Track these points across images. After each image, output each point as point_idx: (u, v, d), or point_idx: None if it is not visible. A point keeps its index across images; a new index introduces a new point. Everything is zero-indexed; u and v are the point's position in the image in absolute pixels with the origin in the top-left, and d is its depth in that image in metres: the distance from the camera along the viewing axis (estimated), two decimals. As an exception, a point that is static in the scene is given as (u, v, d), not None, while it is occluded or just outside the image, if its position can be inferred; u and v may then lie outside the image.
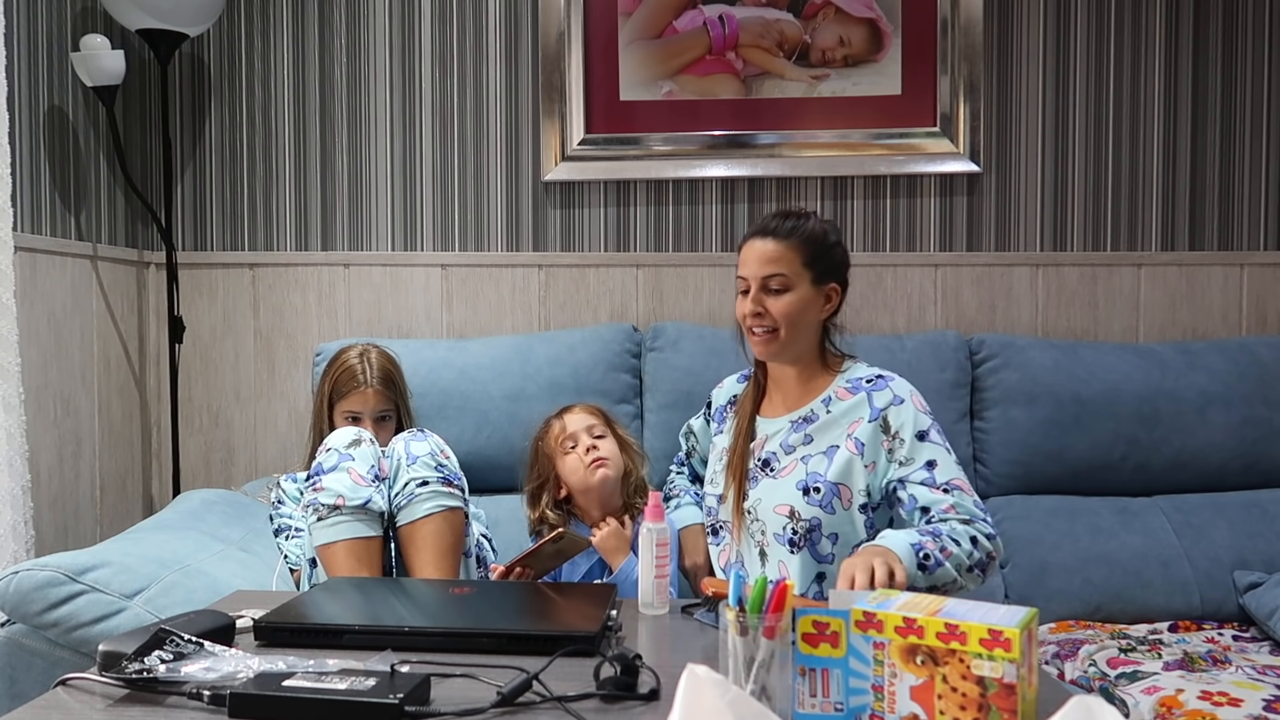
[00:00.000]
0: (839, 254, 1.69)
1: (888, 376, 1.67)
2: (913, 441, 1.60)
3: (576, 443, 1.84)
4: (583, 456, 1.82)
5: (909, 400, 1.63)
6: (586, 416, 1.89)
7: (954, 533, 1.51)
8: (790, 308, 1.64)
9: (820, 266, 1.65)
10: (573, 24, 2.53)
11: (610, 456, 1.83)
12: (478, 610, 1.32)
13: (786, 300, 1.64)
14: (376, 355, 2.06)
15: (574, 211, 2.59)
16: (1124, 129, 2.53)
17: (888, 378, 1.67)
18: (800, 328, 1.66)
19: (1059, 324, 2.52)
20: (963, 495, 1.57)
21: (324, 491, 1.70)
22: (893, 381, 1.66)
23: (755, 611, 0.99)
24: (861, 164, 2.52)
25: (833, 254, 1.68)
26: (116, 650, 1.07)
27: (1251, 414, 2.25)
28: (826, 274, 1.67)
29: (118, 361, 2.48)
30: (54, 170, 2.25)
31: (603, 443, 1.84)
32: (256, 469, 2.60)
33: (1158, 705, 1.59)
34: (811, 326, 1.68)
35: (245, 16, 2.60)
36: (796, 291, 1.64)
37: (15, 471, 1.92)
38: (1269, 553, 2.13)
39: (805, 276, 1.64)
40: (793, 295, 1.64)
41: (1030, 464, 2.27)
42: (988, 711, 0.91)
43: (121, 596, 1.56)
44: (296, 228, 2.62)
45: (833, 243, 1.69)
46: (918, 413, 1.62)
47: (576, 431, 1.85)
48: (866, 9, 2.51)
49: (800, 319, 1.65)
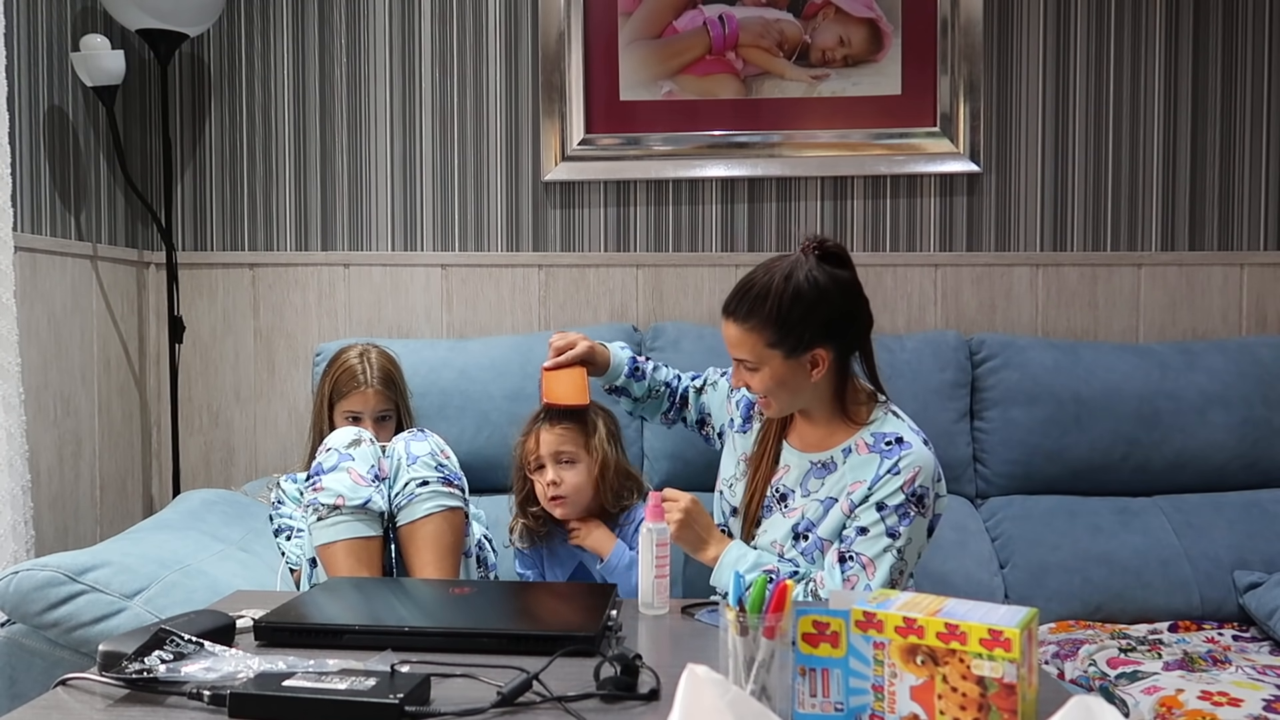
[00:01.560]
0: (815, 319, 1.52)
1: (907, 442, 1.55)
2: (866, 510, 1.53)
3: (543, 467, 1.79)
4: (544, 490, 1.78)
5: (903, 475, 1.52)
6: (557, 439, 1.78)
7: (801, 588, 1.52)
8: (766, 384, 1.56)
9: (789, 343, 1.53)
10: (573, 24, 2.53)
11: (570, 493, 1.77)
12: (478, 610, 1.32)
13: (760, 378, 1.56)
14: (377, 355, 2.06)
15: (574, 211, 2.59)
16: (1124, 129, 2.53)
17: (906, 444, 1.55)
18: (788, 396, 1.58)
19: (1059, 324, 2.52)
20: (861, 584, 1.49)
21: (324, 491, 1.70)
22: (908, 451, 1.54)
23: (755, 611, 0.99)
24: (861, 164, 2.52)
25: (804, 323, 1.52)
26: (116, 650, 1.07)
27: (1251, 414, 2.25)
28: (802, 344, 1.53)
29: (118, 361, 2.48)
30: (54, 170, 2.25)
31: (568, 473, 1.77)
32: (256, 469, 2.60)
33: (1158, 705, 1.59)
34: (804, 389, 1.58)
35: (245, 16, 2.60)
36: (766, 371, 1.55)
37: (15, 471, 1.92)
38: (1269, 553, 2.13)
39: (774, 356, 1.54)
40: (764, 374, 1.56)
41: (1030, 464, 2.27)
42: (988, 711, 0.91)
43: (121, 596, 1.56)
44: (296, 228, 2.62)
45: (799, 312, 1.52)
46: (899, 490, 1.52)
47: (543, 456, 1.78)
48: (866, 9, 2.51)
49: (779, 391, 1.57)
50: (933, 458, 1.56)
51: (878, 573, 1.51)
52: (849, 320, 1.57)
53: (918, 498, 1.52)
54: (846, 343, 1.58)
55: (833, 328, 1.55)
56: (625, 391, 1.89)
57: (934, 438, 2.22)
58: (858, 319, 1.59)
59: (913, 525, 1.52)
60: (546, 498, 1.79)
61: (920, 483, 1.53)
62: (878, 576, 1.51)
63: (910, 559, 1.54)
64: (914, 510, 1.52)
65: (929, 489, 1.54)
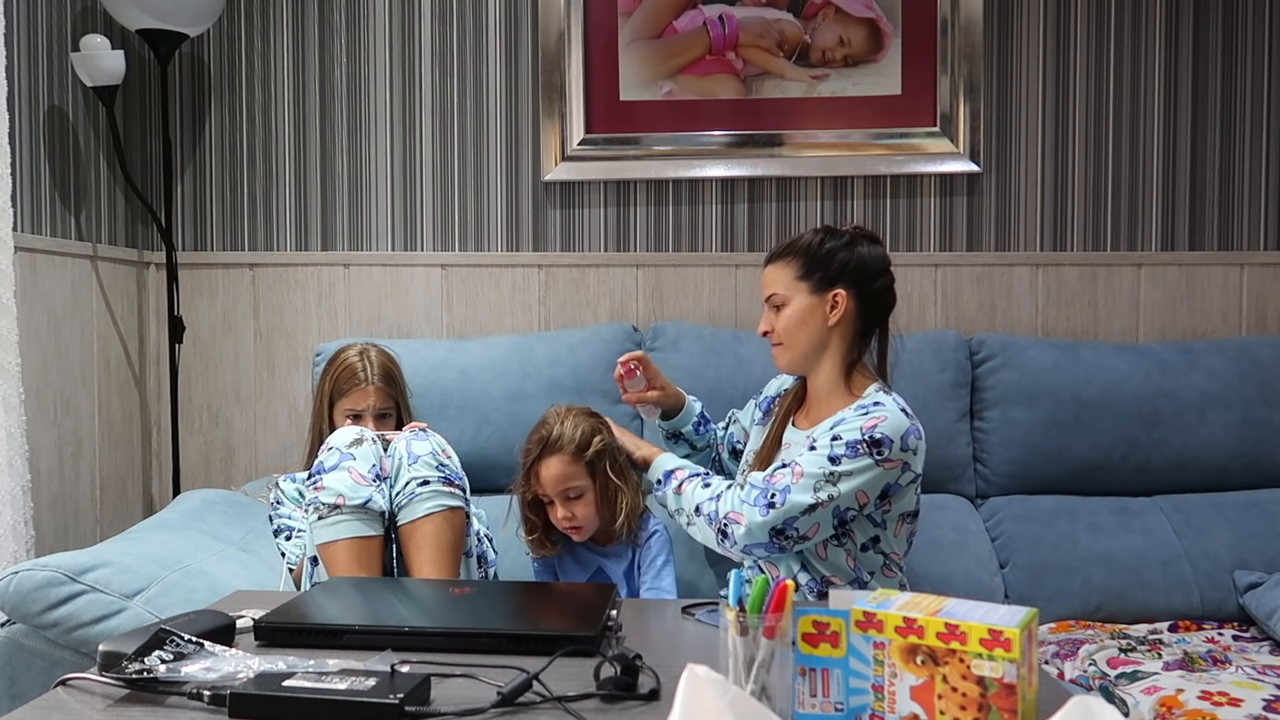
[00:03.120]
0: (841, 258, 1.68)
1: (884, 403, 1.62)
2: (823, 435, 1.61)
3: (552, 501, 1.78)
4: (558, 521, 1.79)
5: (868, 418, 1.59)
6: (562, 471, 1.74)
7: (717, 484, 1.68)
8: (787, 321, 1.70)
9: (816, 275, 1.68)
10: (573, 24, 2.53)
11: (585, 522, 1.78)
12: (478, 610, 1.32)
13: (784, 315, 1.70)
14: (377, 354, 2.06)
15: (574, 211, 2.59)
16: (1124, 129, 2.53)
17: (883, 404, 1.62)
18: (801, 338, 1.69)
19: (1059, 324, 2.52)
20: (778, 481, 1.59)
21: (325, 490, 1.70)
22: (880, 408, 1.61)
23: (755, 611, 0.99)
24: (861, 164, 2.52)
25: (831, 260, 1.68)
26: (116, 650, 1.07)
27: (1251, 414, 2.25)
28: (826, 281, 1.68)
29: (118, 361, 2.48)
30: (54, 170, 2.25)
31: (578, 507, 1.76)
32: (256, 469, 2.60)
33: (1158, 705, 1.59)
34: (818, 336, 1.69)
35: (245, 16, 2.60)
36: (793, 305, 1.69)
37: (15, 471, 1.92)
38: (1269, 553, 2.13)
39: (801, 288, 1.69)
40: (789, 309, 1.70)
41: (1030, 464, 2.27)
42: (988, 711, 0.91)
43: (121, 596, 1.56)
44: (296, 228, 2.62)
45: (830, 249, 1.68)
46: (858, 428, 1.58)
47: (550, 494, 1.77)
48: (866, 9, 2.51)
49: (798, 330, 1.69)
50: (907, 423, 1.60)
51: (801, 480, 1.57)
52: (870, 277, 1.69)
53: (874, 441, 1.57)
54: (865, 298, 1.69)
55: (856, 273, 1.68)
56: (687, 440, 1.96)
57: (934, 438, 2.25)
58: (881, 279, 1.70)
59: (859, 462, 1.57)
60: (563, 526, 1.80)
61: (882, 430, 1.57)
62: (800, 484, 1.56)
63: (844, 494, 1.57)
64: (866, 450, 1.57)
65: (892, 440, 1.57)
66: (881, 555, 1.66)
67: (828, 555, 1.64)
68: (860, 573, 1.65)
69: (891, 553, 1.66)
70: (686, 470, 1.75)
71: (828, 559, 1.64)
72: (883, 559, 1.66)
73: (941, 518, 2.21)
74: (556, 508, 1.78)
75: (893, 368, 1.75)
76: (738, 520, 1.60)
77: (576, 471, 1.76)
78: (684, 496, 1.70)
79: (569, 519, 1.77)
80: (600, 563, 1.85)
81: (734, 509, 1.61)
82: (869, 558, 1.65)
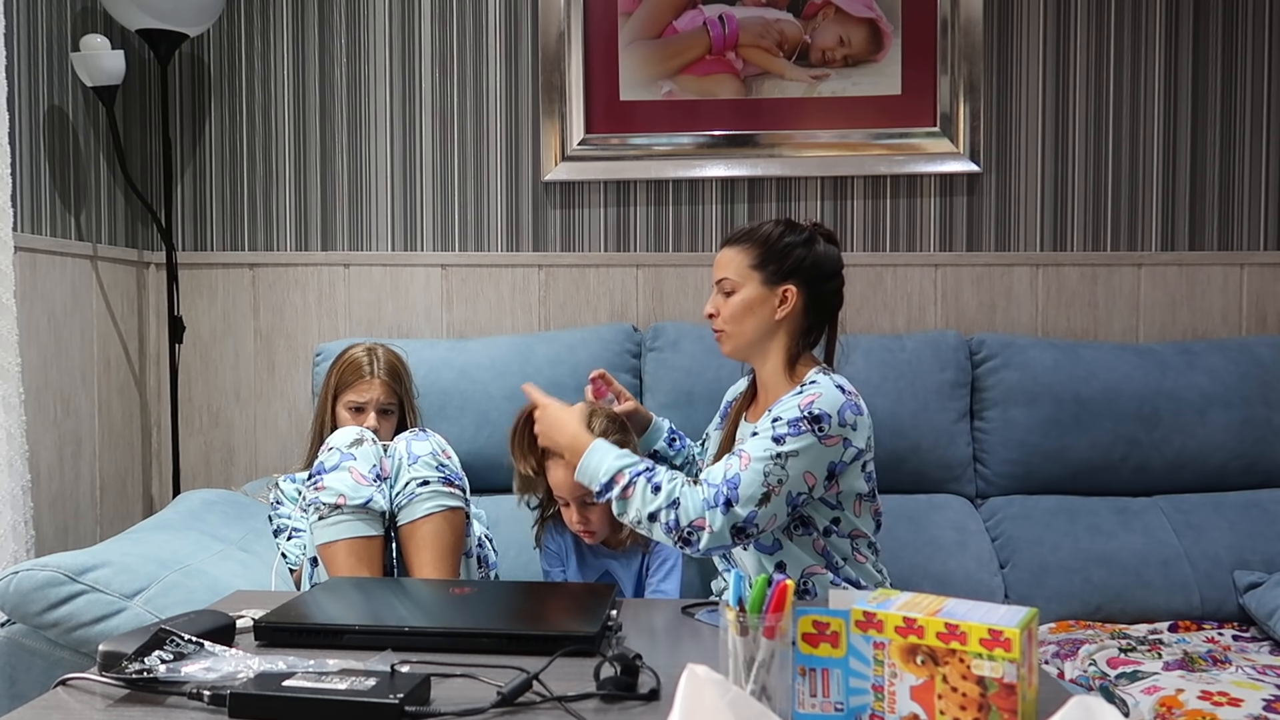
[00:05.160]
0: (798, 255, 1.67)
1: (819, 381, 1.61)
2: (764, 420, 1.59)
3: (568, 505, 1.79)
4: (571, 523, 1.80)
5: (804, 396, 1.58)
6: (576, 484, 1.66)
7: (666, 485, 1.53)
8: (734, 308, 1.68)
9: (770, 268, 1.66)
10: (573, 24, 2.53)
11: (599, 527, 1.79)
12: (478, 610, 1.32)
13: (732, 302, 1.68)
14: (385, 351, 2.08)
15: (574, 211, 2.59)
16: (1124, 129, 2.53)
17: (818, 383, 1.61)
18: (747, 327, 1.67)
19: (1059, 324, 2.52)
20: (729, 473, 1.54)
21: (325, 490, 1.70)
22: (815, 386, 1.60)
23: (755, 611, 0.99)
24: (861, 164, 2.52)
25: (787, 255, 1.66)
26: (116, 650, 1.07)
27: (1251, 414, 2.25)
28: (779, 276, 1.66)
29: (118, 361, 2.48)
30: (54, 170, 2.25)
31: (593, 512, 1.77)
32: (256, 469, 2.60)
33: (1158, 705, 1.59)
34: (763, 327, 1.67)
35: (245, 16, 2.60)
36: (742, 293, 1.67)
37: (15, 471, 1.92)
38: (1269, 553, 2.13)
39: (753, 278, 1.67)
40: (738, 297, 1.68)
41: (1030, 464, 2.27)
42: (988, 711, 0.91)
43: (121, 596, 1.56)
44: (296, 228, 2.62)
45: (787, 244, 1.67)
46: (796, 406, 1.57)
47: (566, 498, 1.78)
48: (866, 9, 2.50)
49: (745, 319, 1.67)
50: (842, 399, 1.59)
51: (751, 467, 1.54)
52: (823, 278, 1.69)
53: (814, 416, 1.56)
54: (815, 297, 1.68)
55: (809, 272, 1.67)
56: (663, 457, 1.93)
57: (934, 437, 2.25)
58: (831, 283, 1.70)
59: (802, 440, 1.55)
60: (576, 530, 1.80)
61: (819, 406, 1.56)
62: (750, 470, 1.54)
63: (792, 473, 1.54)
64: (807, 426, 1.56)
65: (830, 415, 1.56)
66: (849, 539, 1.64)
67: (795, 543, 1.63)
68: (832, 557, 1.63)
69: (856, 531, 1.64)
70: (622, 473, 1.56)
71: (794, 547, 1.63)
72: (850, 542, 1.64)
73: (941, 518, 2.21)
74: (572, 510, 1.78)
75: (840, 362, 1.75)
76: (702, 526, 1.52)
77: None
78: (630, 504, 1.55)
79: (583, 523, 1.78)
80: (608, 565, 1.85)
81: (698, 515, 1.53)
82: (837, 542, 1.63)
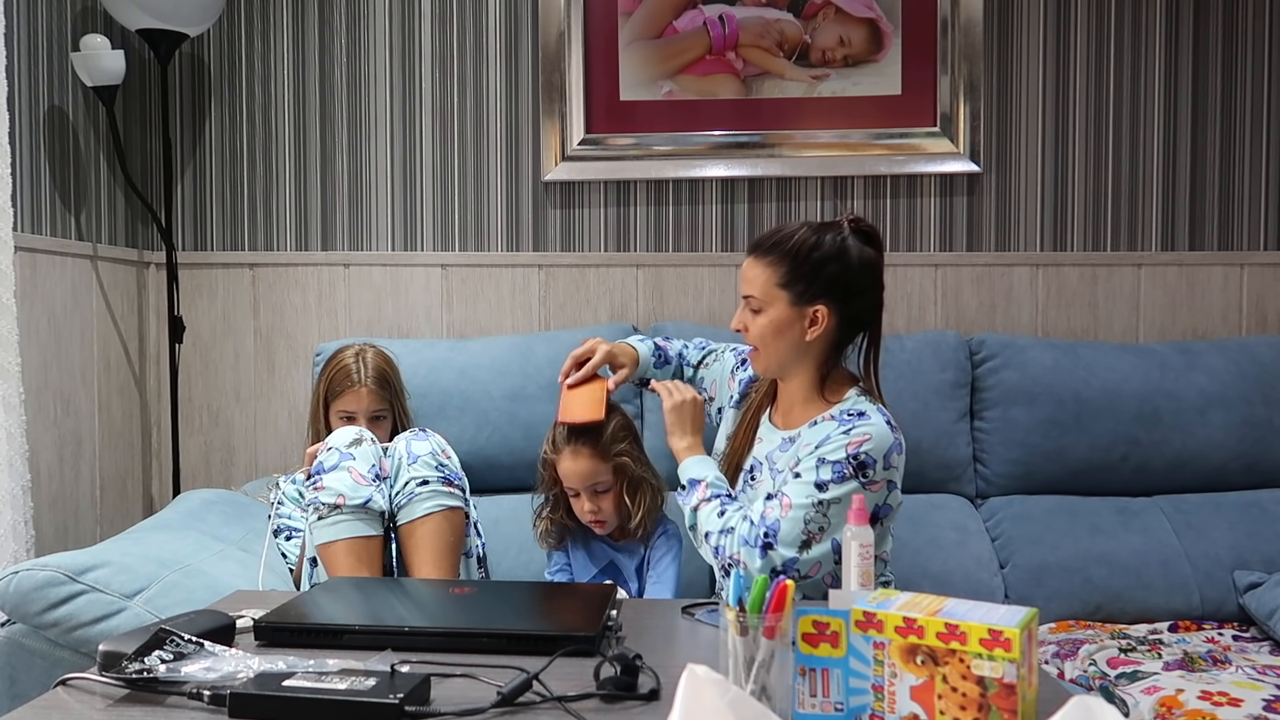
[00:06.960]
0: (829, 272, 1.55)
1: (869, 416, 1.53)
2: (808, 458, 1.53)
3: (578, 495, 1.79)
4: (583, 513, 1.80)
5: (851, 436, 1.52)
6: (586, 472, 1.75)
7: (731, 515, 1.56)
8: (763, 330, 1.58)
9: (799, 287, 1.55)
10: (573, 24, 2.53)
11: (609, 517, 1.79)
12: (478, 610, 1.32)
13: (760, 322, 1.58)
14: (373, 355, 2.05)
15: (574, 211, 2.59)
16: (1124, 129, 2.53)
17: (868, 416, 1.53)
18: (778, 349, 1.59)
19: (1059, 324, 2.52)
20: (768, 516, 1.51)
21: (325, 490, 1.70)
22: (865, 422, 1.52)
23: (755, 611, 0.99)
24: (861, 164, 2.52)
25: (817, 273, 1.55)
26: (116, 650, 1.07)
27: (1251, 414, 2.25)
28: (808, 295, 1.55)
29: (118, 361, 2.48)
30: (54, 170, 2.25)
31: (604, 501, 1.77)
32: (256, 469, 2.60)
33: (1158, 705, 1.59)
34: (794, 349, 1.59)
35: (245, 16, 2.60)
36: (768, 314, 1.58)
37: (15, 471, 1.92)
38: (1269, 553, 2.13)
39: (780, 298, 1.56)
40: (765, 317, 1.58)
41: (1030, 464, 2.27)
42: (988, 711, 0.91)
43: (121, 596, 1.56)
44: (296, 228, 2.62)
45: (816, 260, 1.55)
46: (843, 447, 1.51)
47: (576, 488, 1.78)
48: (866, 9, 2.51)
49: (774, 340, 1.58)
50: (892, 438, 1.53)
51: (791, 514, 1.50)
52: (858, 293, 1.58)
53: (859, 462, 1.50)
54: (848, 315, 1.59)
55: (841, 291, 1.57)
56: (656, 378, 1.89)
57: (934, 437, 2.25)
58: (867, 296, 1.60)
59: (845, 486, 1.50)
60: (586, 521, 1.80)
61: (867, 450, 1.50)
62: (789, 517, 1.49)
63: (834, 520, 1.49)
64: (851, 472, 1.50)
65: (875, 461, 1.51)
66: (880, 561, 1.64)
67: None
68: None
69: (880, 554, 1.64)
70: (709, 488, 1.61)
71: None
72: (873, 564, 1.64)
73: (941, 518, 2.21)
74: (583, 500, 1.78)
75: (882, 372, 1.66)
76: (739, 562, 1.53)
77: (603, 468, 1.76)
78: (699, 516, 1.60)
79: (595, 512, 1.78)
80: (614, 557, 1.85)
81: (736, 550, 1.53)
82: None
